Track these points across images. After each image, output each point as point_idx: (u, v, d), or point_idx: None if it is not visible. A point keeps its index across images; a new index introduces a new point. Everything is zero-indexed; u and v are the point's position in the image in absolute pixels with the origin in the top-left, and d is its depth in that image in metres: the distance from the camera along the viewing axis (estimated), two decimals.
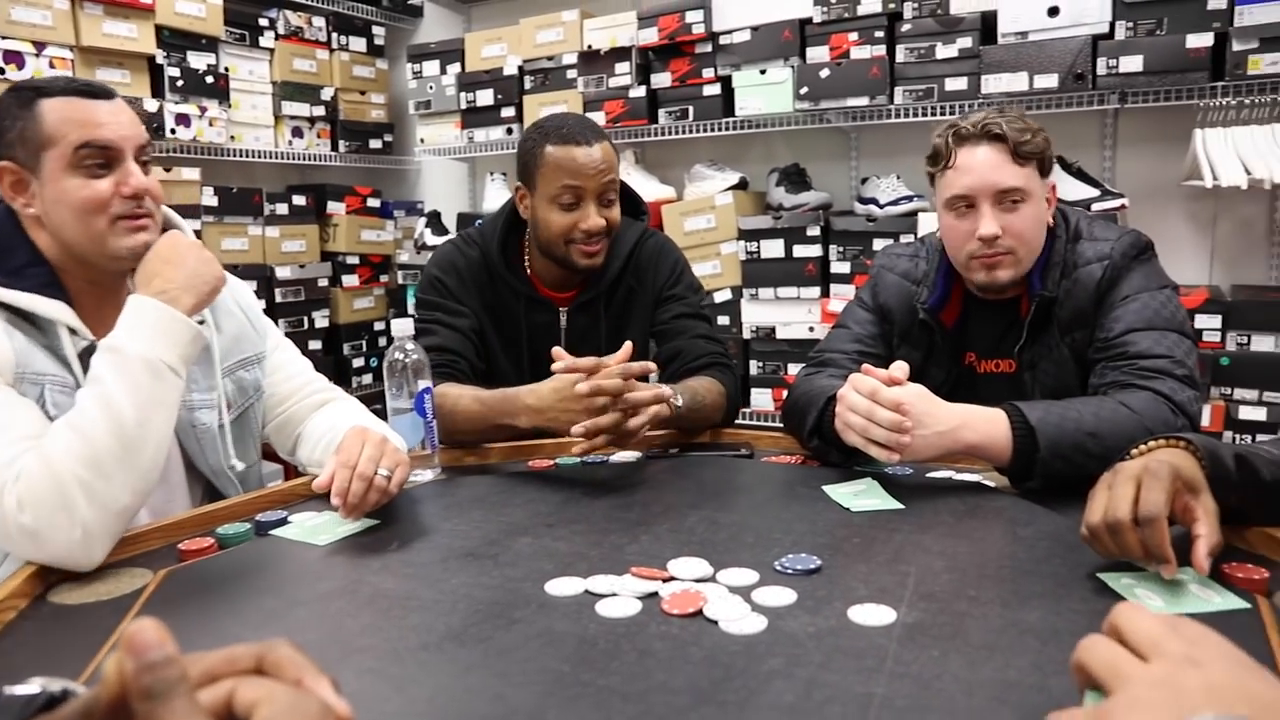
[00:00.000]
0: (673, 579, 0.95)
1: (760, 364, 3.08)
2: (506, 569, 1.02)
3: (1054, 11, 2.60)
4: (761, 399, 3.08)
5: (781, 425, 1.60)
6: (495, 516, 1.21)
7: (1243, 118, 2.50)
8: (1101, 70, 2.53)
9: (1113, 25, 2.55)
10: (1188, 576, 0.92)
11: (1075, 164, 2.69)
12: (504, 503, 1.27)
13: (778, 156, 3.35)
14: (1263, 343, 2.50)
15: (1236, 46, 2.41)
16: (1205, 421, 2.53)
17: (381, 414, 1.44)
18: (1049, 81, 2.59)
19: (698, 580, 0.95)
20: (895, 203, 2.87)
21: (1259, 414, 2.49)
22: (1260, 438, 2.38)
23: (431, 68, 3.70)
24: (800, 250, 2.96)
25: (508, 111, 3.51)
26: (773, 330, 3.04)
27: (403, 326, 1.41)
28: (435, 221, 3.77)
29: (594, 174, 1.57)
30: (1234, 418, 2.52)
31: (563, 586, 0.95)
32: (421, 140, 3.79)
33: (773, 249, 2.99)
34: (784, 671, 0.75)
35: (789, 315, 3.01)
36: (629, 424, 1.33)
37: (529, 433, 1.48)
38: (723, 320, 3.11)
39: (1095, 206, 2.56)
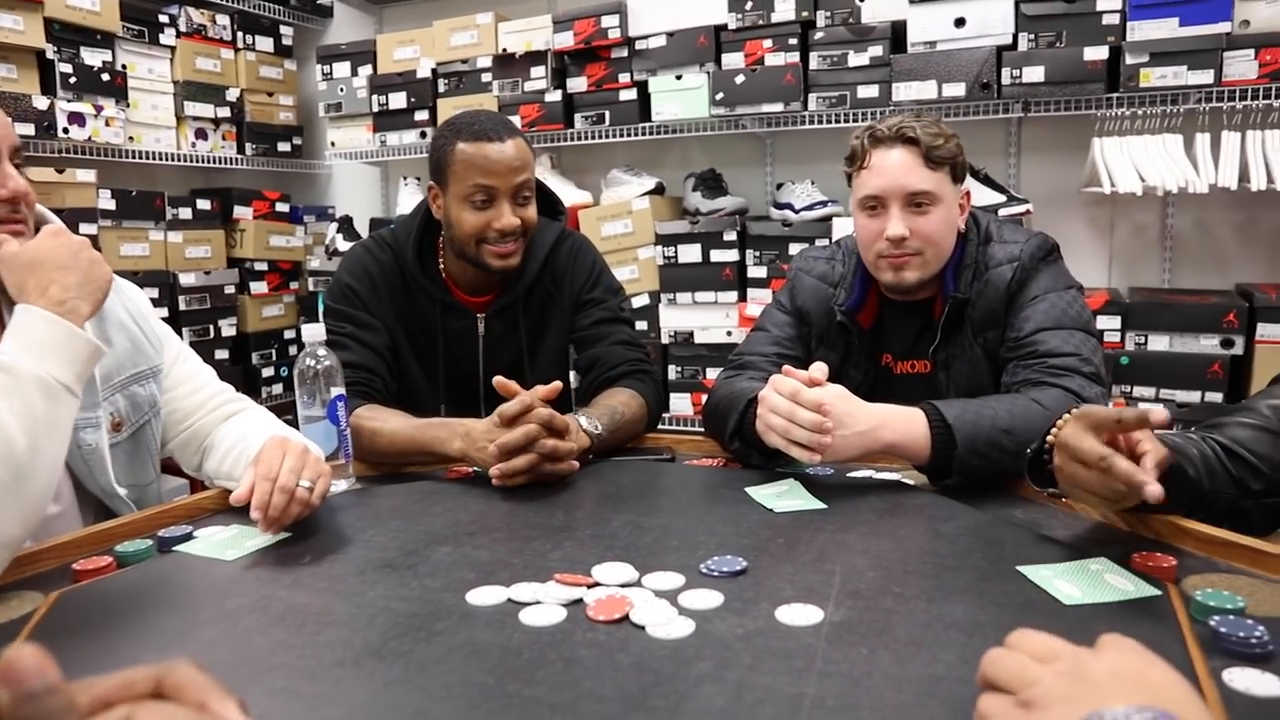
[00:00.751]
0: (598, 585, 0.94)
1: (679, 368, 3.08)
2: (426, 579, 0.98)
3: (960, 22, 2.67)
4: (680, 403, 3.09)
5: (702, 429, 1.59)
6: (413, 526, 1.17)
7: (1136, 128, 2.61)
8: (1006, 80, 2.61)
9: (1016, 37, 2.64)
10: (1101, 566, 0.95)
11: (983, 171, 2.77)
12: (422, 511, 1.23)
13: (694, 162, 3.37)
14: (1159, 342, 2.61)
15: (1129, 60, 2.51)
16: None
17: (294, 424, 1.38)
18: (956, 90, 2.66)
19: (623, 585, 0.93)
20: (810, 207, 2.91)
21: None
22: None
23: (342, 69, 3.62)
24: (717, 255, 2.98)
25: (421, 115, 3.45)
26: (691, 334, 3.05)
27: (314, 332, 1.36)
28: (347, 227, 3.69)
29: (507, 171, 1.53)
30: None
31: (485, 596, 0.92)
32: (332, 143, 3.70)
33: (690, 254, 3.00)
34: (713, 675, 0.74)
35: (707, 319, 3.03)
36: (545, 467, 1.31)
37: None
38: (641, 325, 3.10)
39: (1002, 212, 2.63)
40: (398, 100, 3.48)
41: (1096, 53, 2.53)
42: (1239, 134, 2.50)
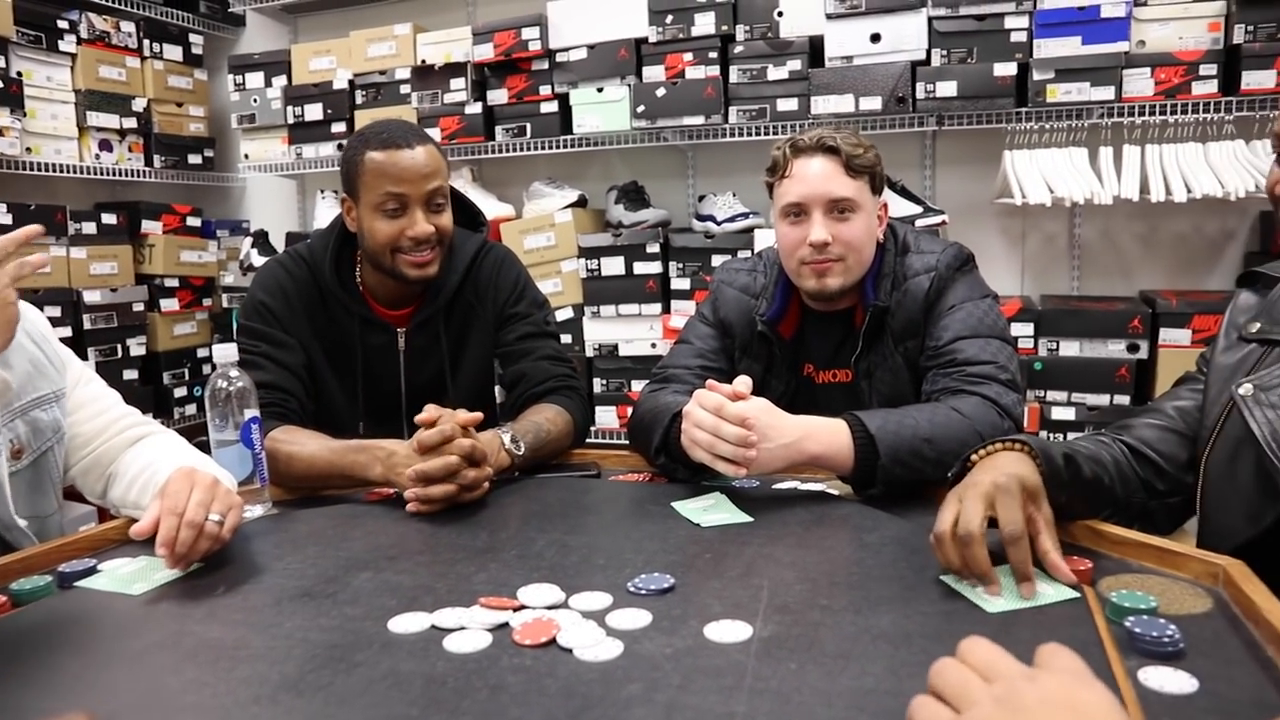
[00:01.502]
0: (524, 607, 0.92)
1: (604, 381, 3.07)
2: (346, 608, 0.95)
3: (876, 38, 2.73)
4: (606, 416, 3.08)
5: (627, 443, 1.59)
6: (333, 551, 1.13)
7: (1045, 141, 2.70)
8: (920, 94, 2.67)
9: (929, 52, 2.70)
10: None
11: (899, 182, 2.83)
12: (342, 536, 1.20)
13: (616, 174, 3.37)
14: (1070, 348, 2.70)
15: (1036, 76, 2.60)
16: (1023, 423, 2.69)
17: (208, 447, 1.33)
18: (873, 104, 2.72)
19: (550, 607, 0.92)
20: (732, 219, 2.93)
21: (1069, 414, 2.68)
22: (1071, 435, 2.56)
23: (255, 80, 3.53)
24: (640, 267, 2.98)
25: (338, 127, 3.39)
26: (615, 347, 3.04)
27: (225, 352, 1.31)
28: (262, 241, 3.59)
29: (418, 178, 1.51)
30: (1048, 418, 2.70)
31: (407, 623, 0.90)
32: (246, 156, 3.60)
33: (613, 266, 3.00)
34: (643, 697, 0.73)
35: (631, 332, 3.03)
36: (463, 497, 1.28)
37: None
38: (565, 338, 3.09)
39: (919, 223, 2.69)
40: (314, 112, 3.40)
41: (1005, 69, 2.61)
42: (1139, 148, 2.60)
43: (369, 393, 1.65)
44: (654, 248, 2.96)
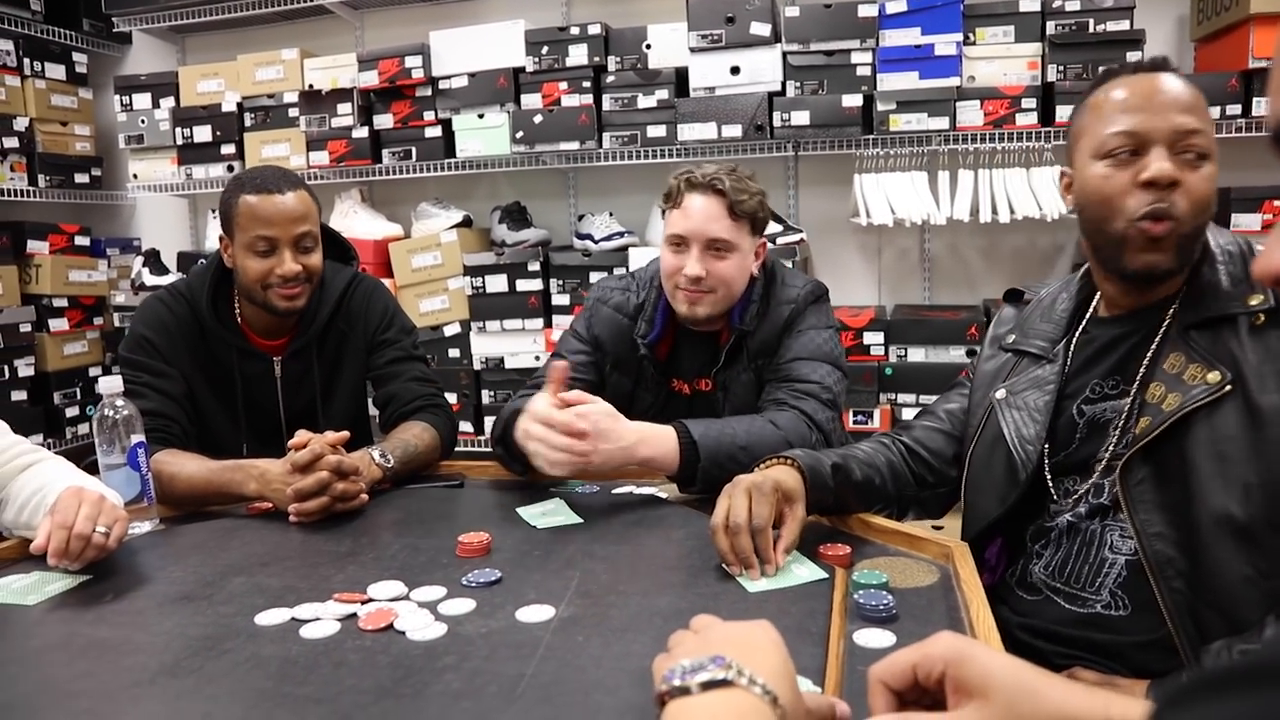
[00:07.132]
0: (371, 600, 1.09)
1: (491, 393, 3.24)
2: (220, 607, 1.11)
3: (735, 70, 2.96)
4: None
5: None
6: (212, 560, 1.28)
7: (890, 165, 2.96)
8: (777, 122, 2.91)
9: (784, 84, 2.95)
10: (790, 558, 1.17)
11: None
12: (221, 546, 1.34)
13: (502, 194, 3.54)
14: (917, 354, 2.97)
15: (880, 107, 2.86)
16: (875, 423, 2.96)
17: (97, 467, 1.45)
18: (734, 131, 2.94)
19: (393, 599, 1.09)
20: (609, 238, 3.13)
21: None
22: None
23: (142, 100, 3.58)
24: (522, 284, 3.16)
25: (228, 148, 3.47)
26: (501, 360, 3.21)
27: (111, 384, 1.43)
28: (154, 260, 3.64)
29: (287, 221, 1.65)
30: (898, 419, 2.96)
31: (271, 617, 1.06)
32: (134, 176, 3.65)
33: (497, 284, 3.17)
34: (455, 665, 0.91)
35: (515, 346, 3.21)
36: (337, 507, 1.44)
37: None
38: (454, 353, 3.25)
39: (779, 240, 2.93)
40: (203, 133, 3.48)
41: (853, 100, 2.87)
42: (972, 172, 2.89)
43: (250, 417, 1.79)
44: (535, 266, 3.15)
